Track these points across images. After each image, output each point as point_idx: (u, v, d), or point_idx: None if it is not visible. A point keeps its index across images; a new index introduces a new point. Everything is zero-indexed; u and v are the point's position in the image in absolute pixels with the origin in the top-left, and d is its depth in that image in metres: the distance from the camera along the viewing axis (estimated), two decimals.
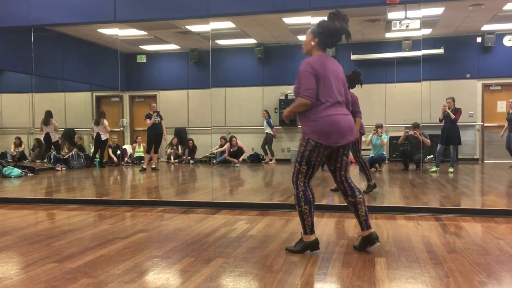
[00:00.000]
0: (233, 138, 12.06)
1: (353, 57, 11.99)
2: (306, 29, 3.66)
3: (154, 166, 10.46)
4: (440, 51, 11.67)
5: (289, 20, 9.79)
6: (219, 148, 12.46)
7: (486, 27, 11.15)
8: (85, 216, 5.21)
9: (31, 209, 5.72)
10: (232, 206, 5.54)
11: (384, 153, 10.30)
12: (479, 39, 11.75)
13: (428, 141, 10.07)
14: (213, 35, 10.29)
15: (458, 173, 9.29)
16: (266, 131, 12.08)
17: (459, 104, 9.58)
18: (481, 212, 5.01)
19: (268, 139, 12.08)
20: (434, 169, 9.46)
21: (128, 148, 12.65)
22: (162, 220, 4.94)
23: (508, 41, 11.69)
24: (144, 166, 10.48)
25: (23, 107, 11.15)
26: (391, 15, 9.39)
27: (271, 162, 11.91)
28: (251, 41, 12.16)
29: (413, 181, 8.00)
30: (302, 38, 5.51)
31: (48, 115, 10.95)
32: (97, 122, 11.47)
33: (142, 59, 13.53)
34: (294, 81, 3.51)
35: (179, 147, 12.66)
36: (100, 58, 12.02)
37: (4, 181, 8.64)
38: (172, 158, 12.48)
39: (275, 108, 12.59)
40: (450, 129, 9.24)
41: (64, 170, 10.72)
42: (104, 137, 11.41)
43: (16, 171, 9.24)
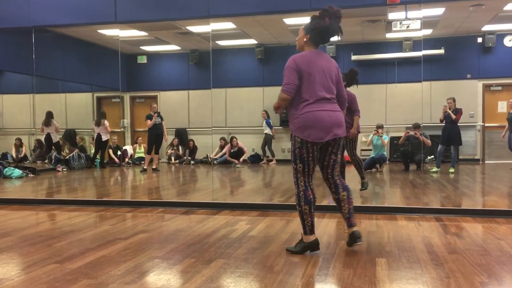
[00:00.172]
0: (234, 139, 12.06)
1: (353, 57, 11.99)
2: None
3: (154, 167, 10.46)
4: (441, 51, 11.67)
5: (289, 20, 9.79)
6: (219, 150, 12.44)
7: (486, 28, 11.14)
8: (86, 217, 5.21)
9: (32, 210, 5.73)
10: (233, 207, 5.54)
11: (385, 153, 10.29)
12: (479, 40, 11.74)
13: (429, 141, 10.07)
14: (214, 35, 10.31)
15: (459, 174, 9.28)
16: (265, 131, 12.07)
17: (459, 104, 9.59)
18: (482, 213, 5.00)
19: (267, 140, 12.08)
20: (434, 169, 9.45)
21: (128, 149, 12.66)
22: (163, 221, 4.94)
23: (509, 42, 11.69)
24: (144, 167, 10.49)
25: (24, 108, 11.17)
26: (391, 16, 9.39)
27: (271, 163, 11.90)
28: (252, 41, 12.16)
29: (414, 182, 7.99)
30: None
31: (49, 116, 10.96)
32: (97, 123, 11.47)
33: (142, 59, 13.54)
34: None
35: (179, 147, 12.67)
36: (100, 58, 12.03)
37: (5, 182, 8.65)
38: (172, 158, 12.48)
39: None
40: (450, 130, 9.24)
41: (65, 171, 10.73)
42: (104, 137, 11.42)
43: (17, 172, 9.25)
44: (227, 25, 10.09)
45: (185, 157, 12.39)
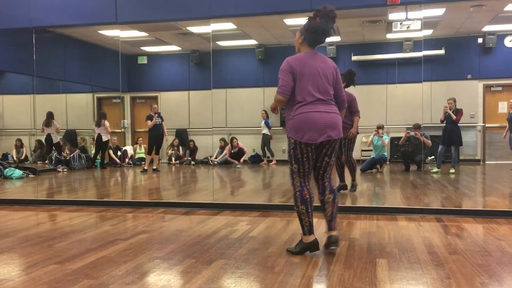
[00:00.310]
0: (234, 139, 12.06)
1: (354, 58, 11.99)
2: None
3: (155, 167, 10.47)
4: (441, 52, 11.67)
5: (290, 21, 9.79)
6: (219, 151, 12.44)
7: (487, 28, 11.15)
8: (87, 217, 5.21)
9: (33, 211, 5.73)
10: (233, 207, 5.54)
11: (385, 154, 10.29)
12: (480, 40, 11.74)
13: (429, 142, 10.07)
14: (214, 36, 10.31)
15: (460, 174, 9.28)
16: (263, 131, 12.06)
17: (460, 105, 9.59)
18: (482, 213, 5.00)
19: (266, 140, 12.07)
20: (435, 170, 9.45)
21: (129, 149, 12.66)
22: (163, 221, 4.94)
23: (509, 42, 11.69)
24: (145, 167, 10.49)
25: (24, 108, 11.17)
26: (392, 16, 9.39)
27: (272, 163, 11.90)
28: (252, 42, 12.17)
29: (414, 182, 7.99)
30: None
31: (50, 116, 10.98)
32: (98, 123, 11.48)
33: (143, 60, 13.56)
34: None
35: (180, 148, 12.68)
36: (101, 59, 12.04)
37: (5, 182, 8.66)
38: (173, 159, 12.49)
39: None
40: (451, 130, 9.24)
41: (65, 171, 10.74)
42: (105, 138, 11.43)
43: (18, 172, 9.26)
44: (228, 25, 10.09)
45: (185, 158, 12.40)
